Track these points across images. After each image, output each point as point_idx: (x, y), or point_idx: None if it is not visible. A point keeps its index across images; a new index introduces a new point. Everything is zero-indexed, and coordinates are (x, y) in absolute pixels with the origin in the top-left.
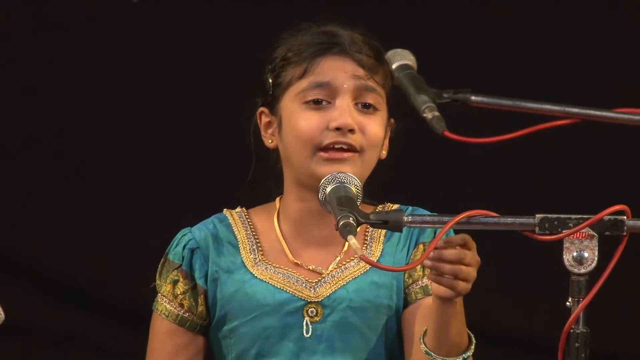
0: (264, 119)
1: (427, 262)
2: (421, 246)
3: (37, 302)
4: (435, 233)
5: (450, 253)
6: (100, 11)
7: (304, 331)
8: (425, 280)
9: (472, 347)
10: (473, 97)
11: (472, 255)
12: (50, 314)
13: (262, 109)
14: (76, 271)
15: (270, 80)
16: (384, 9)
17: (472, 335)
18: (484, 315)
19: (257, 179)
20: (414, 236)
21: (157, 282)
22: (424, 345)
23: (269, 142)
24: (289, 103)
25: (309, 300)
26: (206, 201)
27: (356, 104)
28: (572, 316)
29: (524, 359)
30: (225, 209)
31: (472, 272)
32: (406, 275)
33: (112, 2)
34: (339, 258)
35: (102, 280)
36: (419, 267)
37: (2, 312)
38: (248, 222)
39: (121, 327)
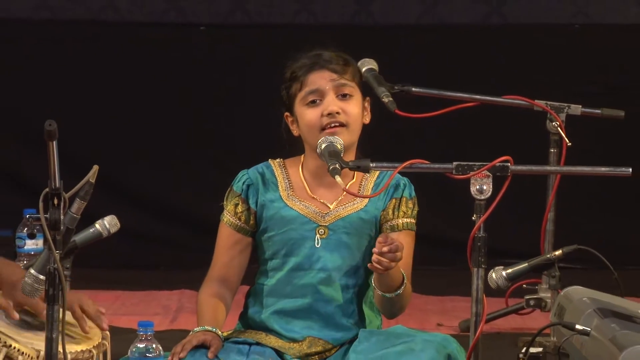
0: (290, 119)
1: (374, 257)
2: (393, 200)
3: (140, 214)
4: (402, 194)
5: (390, 255)
6: (176, 36)
7: (315, 243)
8: (393, 222)
9: (403, 286)
10: (413, 89)
11: (398, 253)
12: (144, 223)
13: (286, 113)
14: (165, 194)
15: (285, 94)
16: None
17: (405, 276)
18: (430, 225)
19: (289, 145)
20: (389, 194)
21: (225, 202)
22: (372, 283)
23: (294, 132)
24: (298, 107)
25: (319, 224)
26: (256, 156)
27: (337, 96)
28: (476, 226)
29: (447, 252)
30: (270, 159)
31: (396, 260)
32: (382, 217)
33: (178, 30)
34: (340, 197)
35: (183, 203)
36: (391, 213)
37: (118, 223)
38: (284, 168)
39: (192, 233)
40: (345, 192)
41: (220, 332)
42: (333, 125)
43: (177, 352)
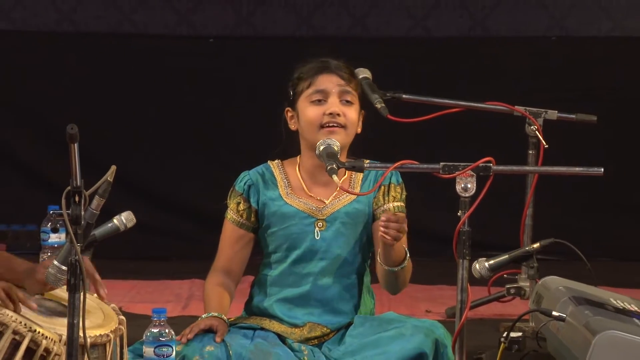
0: (289, 114)
1: (381, 229)
2: (382, 187)
3: (154, 210)
4: (389, 181)
5: (394, 224)
6: (187, 47)
7: (315, 235)
8: (385, 207)
9: (406, 260)
10: (404, 95)
11: (404, 224)
12: (157, 218)
13: (287, 108)
14: (176, 192)
15: (291, 91)
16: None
17: (407, 252)
18: (420, 220)
19: (285, 146)
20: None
21: (228, 201)
22: (378, 258)
23: (292, 127)
24: (302, 103)
25: (318, 218)
26: (258, 156)
27: (340, 101)
28: (461, 221)
29: (435, 244)
30: (269, 161)
31: (403, 231)
32: (374, 204)
33: (188, 41)
34: (335, 193)
35: (192, 200)
36: (381, 198)
37: (134, 218)
38: (282, 169)
39: (201, 227)
40: (338, 187)
41: (225, 318)
42: (332, 124)
43: (185, 333)
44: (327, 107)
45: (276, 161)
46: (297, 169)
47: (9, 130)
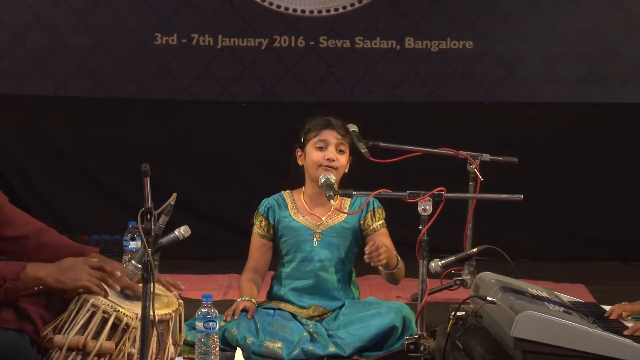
0: (299, 153)
1: (366, 257)
2: (369, 212)
3: (204, 223)
4: (373, 206)
5: (376, 253)
6: (227, 110)
7: (313, 243)
8: (373, 226)
9: (399, 264)
10: (381, 143)
11: (383, 247)
12: (206, 230)
13: (297, 149)
14: (220, 211)
15: (302, 138)
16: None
17: (399, 257)
18: (394, 231)
19: (294, 178)
20: (364, 209)
21: (254, 220)
22: (379, 267)
23: (300, 163)
24: (309, 148)
25: (316, 231)
26: (273, 187)
27: (337, 150)
28: (421, 232)
29: (404, 248)
30: (282, 191)
31: (385, 252)
32: (364, 224)
33: (228, 105)
34: (329, 213)
35: (230, 217)
36: (370, 220)
37: (189, 230)
38: (291, 196)
39: (236, 236)
40: (332, 208)
41: (255, 301)
42: (328, 166)
43: (229, 313)
44: (327, 153)
45: (287, 191)
46: (302, 195)
47: (101, 166)
